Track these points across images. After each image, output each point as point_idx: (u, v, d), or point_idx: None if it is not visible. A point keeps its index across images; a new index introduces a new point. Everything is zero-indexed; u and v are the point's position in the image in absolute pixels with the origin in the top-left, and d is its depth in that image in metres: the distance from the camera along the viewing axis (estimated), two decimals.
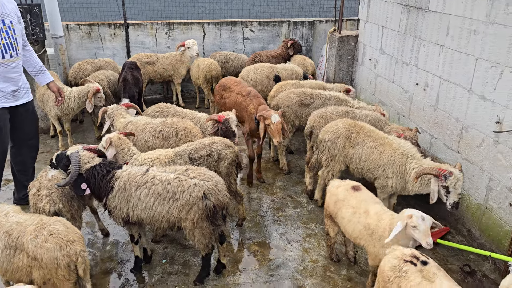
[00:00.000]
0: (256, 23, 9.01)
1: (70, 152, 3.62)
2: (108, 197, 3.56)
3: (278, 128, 4.85)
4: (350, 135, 4.66)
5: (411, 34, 5.77)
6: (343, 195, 3.85)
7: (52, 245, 2.85)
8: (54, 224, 2.98)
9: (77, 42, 8.52)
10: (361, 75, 7.43)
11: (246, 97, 5.36)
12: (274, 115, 4.85)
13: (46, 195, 3.62)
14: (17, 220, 3.07)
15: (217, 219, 3.56)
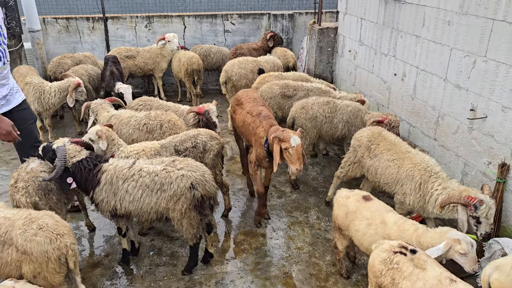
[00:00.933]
0: (237, 15, 9.04)
1: (56, 145, 3.59)
2: (95, 190, 3.58)
3: (299, 152, 3.94)
4: (370, 145, 4.43)
5: (388, 25, 5.91)
6: (355, 206, 3.57)
7: (42, 238, 2.87)
8: (43, 218, 2.99)
9: (54, 36, 8.40)
10: (341, 67, 7.56)
11: (256, 118, 4.50)
12: (293, 136, 3.92)
13: (23, 187, 3.61)
14: (4, 215, 3.07)
15: (204, 209, 3.63)
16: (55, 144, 3.62)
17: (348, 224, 3.56)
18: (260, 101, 4.86)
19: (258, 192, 4.60)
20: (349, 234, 3.59)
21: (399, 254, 2.84)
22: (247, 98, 4.89)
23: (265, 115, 4.49)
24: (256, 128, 4.45)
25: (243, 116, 4.74)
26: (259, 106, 4.66)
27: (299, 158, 3.94)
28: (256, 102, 4.78)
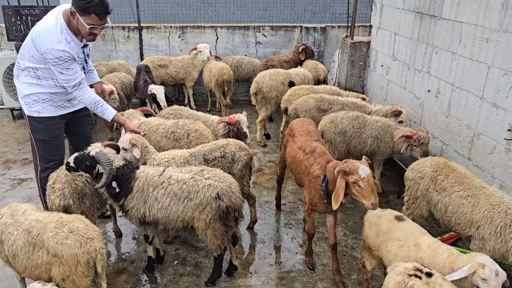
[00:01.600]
0: (269, 27, 9.09)
1: (95, 151, 3.55)
2: (127, 198, 3.61)
3: (371, 183, 3.36)
4: (436, 176, 3.93)
5: (423, 41, 5.80)
6: (387, 226, 3.40)
7: (72, 242, 2.92)
8: (74, 221, 3.05)
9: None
10: (372, 81, 7.46)
11: (309, 156, 3.98)
12: (361, 166, 3.38)
13: (59, 189, 3.70)
14: (36, 218, 3.15)
15: (229, 220, 3.61)
16: (92, 151, 3.56)
17: (379, 244, 3.42)
18: (315, 134, 4.36)
19: (308, 232, 4.16)
20: (380, 254, 3.44)
21: (414, 277, 2.71)
22: (300, 130, 4.39)
23: (320, 152, 3.95)
24: (309, 166, 3.91)
25: (294, 152, 4.23)
26: (313, 142, 4.14)
27: (373, 190, 3.35)
28: (310, 136, 4.27)
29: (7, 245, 3.11)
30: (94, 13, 3.51)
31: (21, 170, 6.03)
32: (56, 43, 3.57)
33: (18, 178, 5.81)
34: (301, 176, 4.08)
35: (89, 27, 3.55)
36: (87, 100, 3.90)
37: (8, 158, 6.36)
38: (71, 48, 3.65)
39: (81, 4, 3.48)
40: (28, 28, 6.72)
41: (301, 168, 4.05)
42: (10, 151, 6.60)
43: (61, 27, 3.61)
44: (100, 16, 3.54)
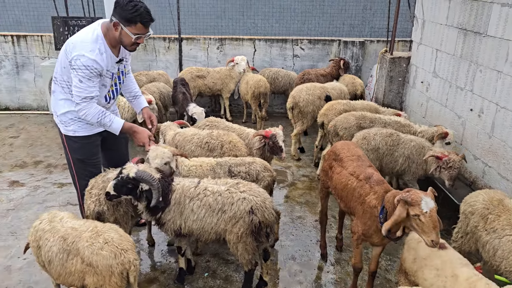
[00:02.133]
0: (307, 41, 9.07)
1: (134, 172, 3.47)
2: (164, 211, 3.62)
3: (434, 219, 3.02)
4: (487, 214, 3.61)
5: (467, 58, 5.61)
6: (425, 253, 3.22)
7: (107, 253, 2.97)
8: (109, 231, 3.11)
9: (133, 54, 8.88)
10: (411, 98, 7.28)
11: (364, 183, 3.67)
12: (425, 198, 3.04)
13: (95, 195, 3.77)
14: (72, 225, 3.23)
15: (261, 235, 3.58)
16: (131, 172, 3.47)
17: (416, 270, 3.26)
18: (366, 159, 4.03)
19: (355, 266, 3.87)
20: (416, 280, 3.28)
21: None
22: (348, 154, 4.06)
23: (377, 180, 3.63)
24: (365, 195, 3.59)
25: (345, 178, 3.89)
26: (366, 168, 3.84)
27: (435, 226, 3.01)
28: (362, 161, 3.95)
29: (43, 251, 3.21)
30: (140, 22, 3.50)
31: (62, 174, 6.24)
32: (89, 51, 3.50)
33: (58, 182, 6.01)
34: (353, 205, 3.76)
35: (135, 36, 3.53)
36: (94, 111, 3.63)
37: (50, 163, 6.61)
38: (102, 59, 3.57)
39: (127, 14, 3.45)
40: None
41: (354, 196, 3.73)
42: (52, 156, 6.85)
43: (97, 37, 3.57)
44: (146, 24, 3.54)
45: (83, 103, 3.59)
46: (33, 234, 3.36)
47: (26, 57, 8.67)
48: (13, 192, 5.70)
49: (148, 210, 3.64)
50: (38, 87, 8.87)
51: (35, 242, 3.33)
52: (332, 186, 4.15)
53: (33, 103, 9.02)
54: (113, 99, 3.99)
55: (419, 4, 7.05)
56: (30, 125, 8.17)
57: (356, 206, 3.72)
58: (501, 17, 4.91)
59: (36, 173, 6.27)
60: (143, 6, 3.48)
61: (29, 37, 8.58)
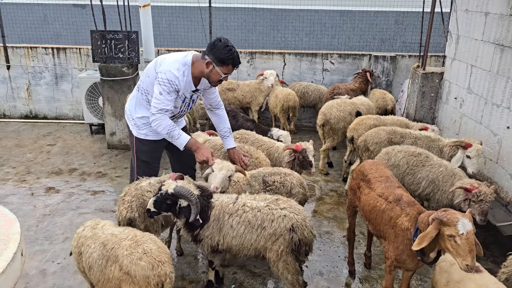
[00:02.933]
0: (337, 55, 9.07)
1: (172, 188, 3.48)
2: (203, 227, 3.61)
3: (471, 242, 2.89)
4: None
5: (503, 74, 5.49)
6: (459, 276, 3.12)
7: (146, 264, 3.02)
8: (147, 242, 3.16)
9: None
10: (444, 114, 7.15)
11: (395, 205, 3.55)
12: (462, 220, 2.92)
13: (128, 201, 3.84)
14: (112, 232, 3.32)
15: (300, 254, 3.55)
16: (169, 188, 3.49)
17: None
18: (395, 180, 3.93)
19: None
20: None
21: None
22: (377, 175, 3.96)
23: (409, 201, 3.53)
24: (396, 217, 3.47)
25: (374, 200, 3.78)
26: (396, 189, 3.72)
27: (472, 250, 2.85)
28: (391, 182, 3.84)
29: (85, 257, 3.30)
30: (231, 64, 3.91)
31: (95, 182, 6.42)
32: (175, 69, 3.89)
33: (92, 190, 6.18)
34: (383, 228, 3.63)
35: (224, 75, 3.96)
36: (165, 123, 3.97)
37: (84, 171, 6.81)
38: (183, 81, 3.94)
39: (222, 56, 3.85)
40: (111, 50, 7.24)
41: (384, 219, 3.62)
42: (86, 164, 7.06)
43: (186, 62, 3.96)
44: (235, 67, 3.98)
45: (158, 114, 3.96)
46: (76, 240, 3.47)
47: (64, 69, 9.02)
48: (49, 198, 5.90)
49: (187, 227, 3.64)
50: (74, 98, 9.20)
51: (77, 248, 3.43)
52: (360, 207, 4.07)
53: (70, 112, 9.35)
54: (180, 118, 4.47)
55: (453, 19, 6.95)
56: (66, 133, 8.47)
57: (387, 230, 3.59)
58: None
59: (71, 180, 6.47)
60: (235, 52, 3.91)
61: (68, 49, 8.94)
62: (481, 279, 3.04)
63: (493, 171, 5.64)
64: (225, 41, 3.89)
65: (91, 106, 8.16)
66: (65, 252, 4.71)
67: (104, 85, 7.39)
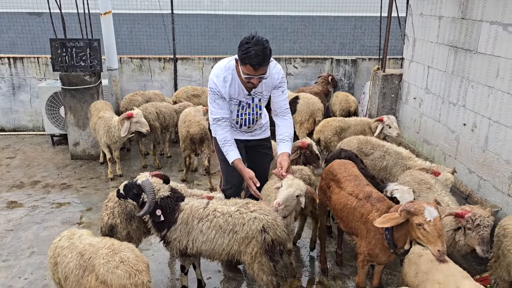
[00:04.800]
0: (300, 59, 9.25)
1: (141, 180, 3.61)
2: (170, 229, 3.63)
3: (439, 227, 3.02)
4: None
5: (458, 74, 5.79)
6: (427, 267, 3.22)
7: (122, 272, 2.96)
8: (125, 250, 3.10)
9: (128, 74, 9.00)
10: (405, 114, 7.44)
11: (365, 202, 3.64)
12: (428, 208, 3.05)
13: (110, 207, 3.85)
14: (90, 242, 3.25)
15: (275, 254, 3.59)
16: (139, 180, 3.62)
17: (418, 284, 3.26)
18: (363, 178, 3.99)
19: (359, 286, 3.82)
20: None
21: None
22: (345, 174, 4.02)
23: (378, 197, 3.61)
24: (367, 213, 3.54)
25: (344, 198, 3.84)
26: (365, 186, 3.80)
27: (440, 235, 2.99)
28: (360, 181, 3.91)
29: (61, 267, 3.21)
30: (249, 64, 3.54)
31: (60, 194, 6.22)
32: (215, 76, 3.82)
33: (56, 202, 5.99)
34: (355, 225, 3.70)
35: (244, 76, 3.65)
36: (219, 136, 3.97)
37: (47, 183, 6.59)
38: (223, 86, 3.81)
39: (240, 53, 3.58)
40: (72, 59, 7.07)
41: (355, 216, 3.68)
42: (49, 176, 6.83)
43: (229, 67, 3.81)
44: (255, 67, 3.55)
45: (214, 125, 3.99)
46: (52, 250, 3.38)
47: (22, 79, 8.71)
48: (12, 213, 5.67)
49: (154, 225, 3.68)
50: (34, 108, 8.89)
51: (52, 258, 3.34)
52: (331, 206, 4.14)
53: (29, 124, 9.03)
54: (246, 126, 4.14)
55: (409, 23, 7.27)
56: (26, 145, 8.16)
57: (359, 226, 3.67)
58: (490, 35, 5.10)
59: (34, 193, 6.25)
60: (255, 49, 3.47)
61: (25, 58, 8.64)
62: (447, 268, 3.17)
63: (452, 167, 5.90)
64: (248, 37, 3.56)
65: (52, 117, 7.92)
66: (32, 267, 4.55)
67: (65, 94, 7.20)
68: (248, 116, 4.04)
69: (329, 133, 6.16)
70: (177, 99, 8.11)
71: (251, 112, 4.03)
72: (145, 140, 7.50)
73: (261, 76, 3.64)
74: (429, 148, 6.58)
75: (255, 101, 3.99)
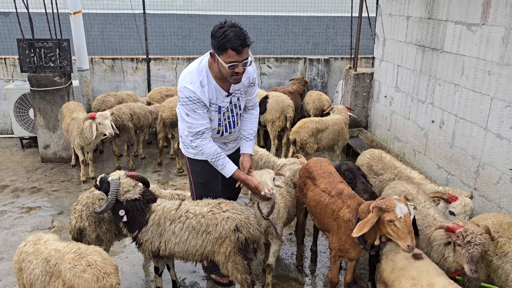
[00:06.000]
0: (274, 59, 9.31)
1: (111, 178, 3.61)
2: (141, 230, 3.61)
3: (408, 224, 3.11)
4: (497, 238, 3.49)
5: (426, 73, 5.95)
6: (402, 263, 3.29)
7: (90, 276, 2.92)
8: (92, 254, 3.06)
9: (100, 75, 8.86)
10: (376, 111, 7.59)
11: (337, 199, 3.69)
12: (399, 204, 3.13)
13: (79, 211, 3.80)
14: (55, 247, 3.18)
15: (248, 252, 3.60)
16: (110, 177, 3.63)
17: (393, 280, 3.32)
18: (337, 175, 4.05)
19: (332, 282, 3.89)
20: None
21: None
22: (320, 171, 4.07)
23: (349, 194, 3.67)
24: (338, 210, 3.60)
25: (318, 195, 3.90)
26: (338, 183, 3.87)
27: (410, 231, 3.09)
28: (333, 178, 3.97)
29: (26, 274, 3.13)
30: (230, 48, 3.16)
31: (30, 198, 6.07)
32: (190, 83, 3.37)
33: (26, 206, 5.85)
34: (327, 221, 3.75)
35: (228, 65, 3.22)
36: (209, 151, 3.55)
37: (17, 187, 6.42)
38: (202, 92, 3.39)
39: (216, 42, 3.19)
40: (41, 59, 6.92)
41: (327, 213, 3.74)
42: (19, 180, 6.66)
43: (202, 68, 3.42)
44: (238, 50, 3.17)
45: (197, 140, 3.52)
46: (17, 255, 3.30)
47: None
48: None
49: (125, 225, 3.66)
50: (1, 111, 8.64)
51: (17, 263, 3.26)
52: (307, 203, 4.19)
53: None
54: (227, 132, 3.75)
55: (379, 23, 7.42)
56: None
57: (330, 222, 3.74)
58: (455, 34, 5.26)
59: (2, 197, 6.07)
60: (233, 30, 3.15)
61: None
62: (422, 265, 3.24)
63: (422, 163, 6.08)
64: (220, 23, 3.21)
65: (21, 119, 7.72)
66: (1, 274, 4.44)
67: (34, 96, 7.03)
68: (229, 120, 3.70)
69: (305, 135, 6.22)
70: (151, 99, 8.03)
71: (230, 115, 3.69)
72: (118, 141, 7.40)
73: (245, 61, 3.27)
74: (399, 145, 6.73)
75: (233, 101, 3.65)
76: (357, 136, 7.70)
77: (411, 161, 6.25)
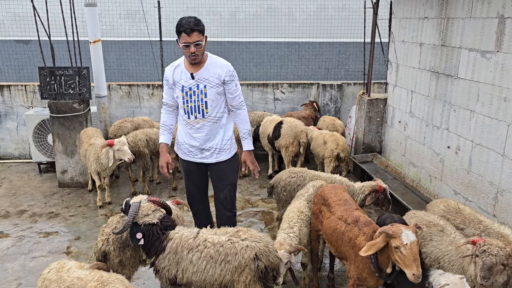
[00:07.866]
0: (287, 85, 9.42)
1: (132, 201, 3.67)
2: (158, 257, 3.62)
3: (415, 252, 3.10)
4: None
5: (440, 99, 5.97)
6: None
7: None
8: (114, 282, 3.07)
9: (117, 101, 9.05)
10: (390, 137, 7.59)
11: (353, 226, 3.70)
12: (405, 231, 3.15)
13: (106, 233, 3.84)
14: (78, 275, 3.20)
15: (268, 280, 3.58)
16: (132, 200, 3.71)
17: None
18: (353, 203, 4.09)
19: None
20: None
21: None
22: (336, 199, 4.10)
23: (365, 221, 3.68)
24: (355, 238, 3.62)
25: (334, 223, 3.92)
26: (353, 211, 3.88)
27: (416, 259, 3.07)
28: (349, 205, 3.99)
29: None
30: (183, 31, 3.96)
31: (47, 223, 6.14)
32: (169, 66, 4.35)
33: (44, 231, 5.91)
34: (344, 249, 3.78)
35: (182, 45, 4.00)
36: (161, 119, 4.52)
37: (34, 212, 6.51)
38: (170, 70, 4.31)
39: (175, 29, 4.03)
40: (61, 87, 7.11)
41: (344, 240, 3.77)
42: (36, 205, 6.75)
43: (182, 58, 4.30)
44: (187, 32, 3.94)
45: (162, 109, 4.55)
46: (41, 281, 3.33)
47: (9, 107, 8.68)
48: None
49: (143, 250, 3.69)
50: (20, 136, 8.84)
51: None
52: (323, 231, 4.19)
53: (15, 152, 8.95)
54: (192, 115, 4.28)
55: (392, 50, 7.50)
56: (12, 174, 8.07)
57: (347, 250, 3.75)
58: (469, 61, 5.30)
59: (20, 222, 6.16)
60: (186, 18, 3.98)
61: (12, 86, 8.63)
62: None
63: (438, 188, 6.03)
64: None
65: (40, 144, 7.88)
66: None
67: (54, 122, 7.19)
68: (194, 104, 4.23)
69: None
70: None
71: (196, 99, 4.22)
72: (134, 167, 7.49)
73: (197, 42, 3.97)
74: (415, 170, 6.70)
75: (199, 87, 4.20)
76: (372, 161, 7.69)
77: (427, 187, 6.21)
